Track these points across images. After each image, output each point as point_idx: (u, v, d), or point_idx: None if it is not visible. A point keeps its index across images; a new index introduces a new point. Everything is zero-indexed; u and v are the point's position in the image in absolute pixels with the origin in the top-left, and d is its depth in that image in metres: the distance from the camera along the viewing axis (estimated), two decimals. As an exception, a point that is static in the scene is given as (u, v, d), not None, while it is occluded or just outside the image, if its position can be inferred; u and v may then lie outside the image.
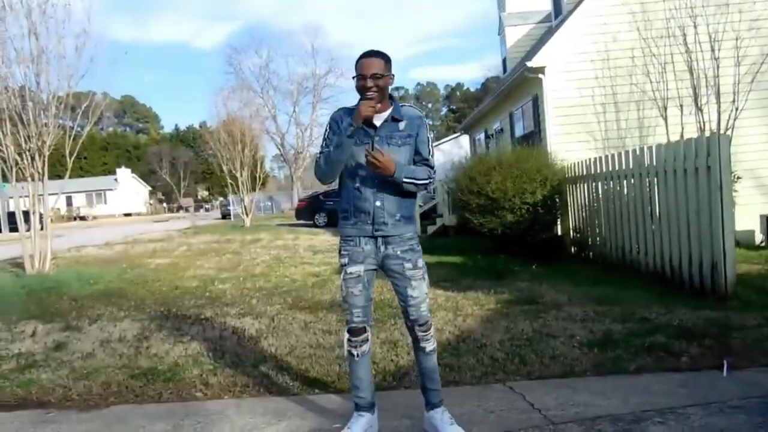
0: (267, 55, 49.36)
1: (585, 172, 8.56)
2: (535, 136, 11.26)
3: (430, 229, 15.14)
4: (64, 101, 9.43)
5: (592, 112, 10.46)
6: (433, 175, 2.78)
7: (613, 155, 7.74)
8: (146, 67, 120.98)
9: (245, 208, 24.01)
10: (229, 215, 35.18)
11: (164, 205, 68.13)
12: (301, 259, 10.03)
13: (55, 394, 3.58)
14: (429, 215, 16.65)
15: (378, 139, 2.66)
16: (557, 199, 9.05)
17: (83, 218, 49.28)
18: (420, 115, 2.81)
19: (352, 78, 2.67)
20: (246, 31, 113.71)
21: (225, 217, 37.05)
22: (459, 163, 10.82)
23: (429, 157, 2.78)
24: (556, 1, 13.66)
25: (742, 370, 3.52)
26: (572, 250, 9.24)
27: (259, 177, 25.49)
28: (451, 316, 5.04)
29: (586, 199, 8.63)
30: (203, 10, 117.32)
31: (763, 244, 9.31)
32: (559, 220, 9.50)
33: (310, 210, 22.52)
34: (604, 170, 7.90)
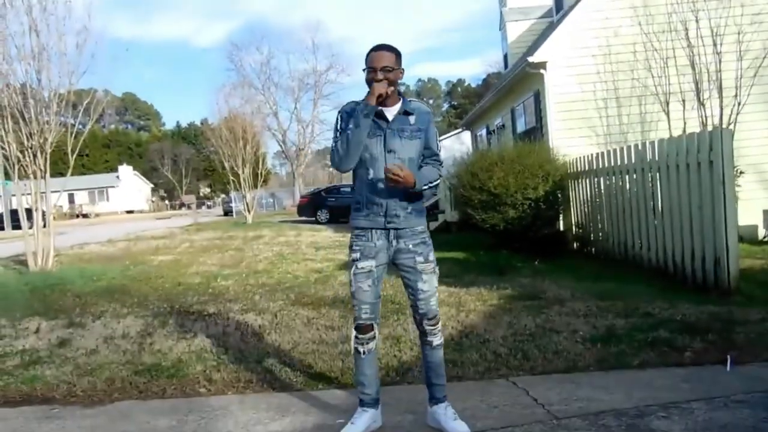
0: (268, 52, 49.37)
1: (587, 168, 8.55)
2: (536, 132, 11.23)
3: (432, 225, 15.10)
4: (65, 98, 9.44)
5: (593, 107, 10.43)
6: (443, 172, 2.86)
7: (615, 150, 7.72)
8: (147, 64, 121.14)
9: (247, 205, 24.04)
10: (231, 212, 35.20)
11: (166, 202, 68.22)
12: (304, 256, 10.04)
13: (60, 390, 3.60)
14: (431, 211, 16.64)
15: (390, 132, 2.69)
16: (559, 195, 9.04)
17: (85, 216, 49.39)
18: (429, 111, 2.87)
19: (363, 70, 2.68)
20: (247, 27, 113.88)
21: (227, 214, 37.08)
22: (461, 159, 10.80)
23: (438, 152, 2.85)
24: (558, -4, 13.62)
25: (746, 364, 3.52)
26: (574, 245, 9.23)
27: (261, 174, 25.50)
28: (454, 312, 5.04)
29: (589, 195, 8.62)
30: (204, 6, 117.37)
31: (766, 239, 9.29)
32: (562, 216, 9.49)
33: (312, 207, 22.53)
34: (606, 165, 7.89)
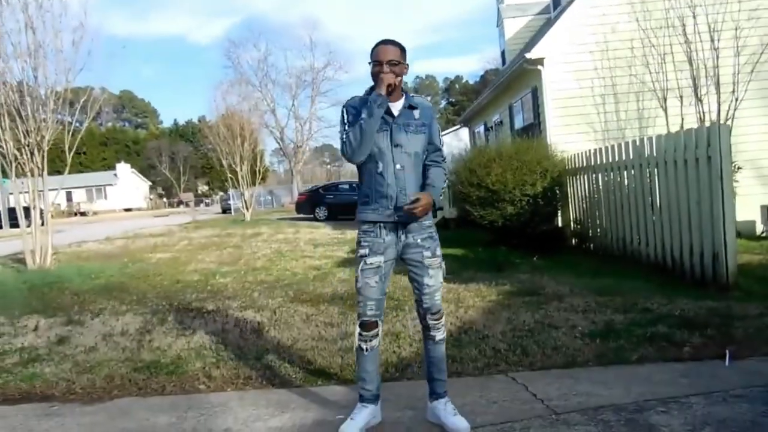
0: (265, 49, 49.51)
1: (585, 164, 8.56)
2: (534, 128, 11.23)
3: (431, 222, 15.10)
4: (62, 96, 9.41)
5: (591, 103, 10.44)
6: (447, 171, 2.91)
7: (613, 146, 7.73)
8: (144, 62, 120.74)
9: (245, 203, 24.00)
10: (230, 210, 35.15)
11: (164, 200, 68.06)
12: (302, 253, 10.04)
13: (59, 388, 3.59)
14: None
15: (396, 126, 2.71)
16: (557, 191, 9.04)
17: (83, 214, 49.29)
18: (431, 106, 2.93)
19: (368, 63, 2.70)
20: (244, 24, 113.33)
21: (225, 211, 37.02)
22: (459, 156, 10.81)
23: (441, 146, 2.89)
24: (555, -8, 13.61)
25: (744, 359, 3.54)
26: (573, 241, 9.24)
27: (259, 171, 25.49)
28: (453, 308, 5.05)
29: (587, 191, 8.62)
30: (201, 3, 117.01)
31: (764, 234, 9.31)
32: (560, 212, 9.50)
33: (311, 204, 22.52)
34: (605, 161, 7.89)
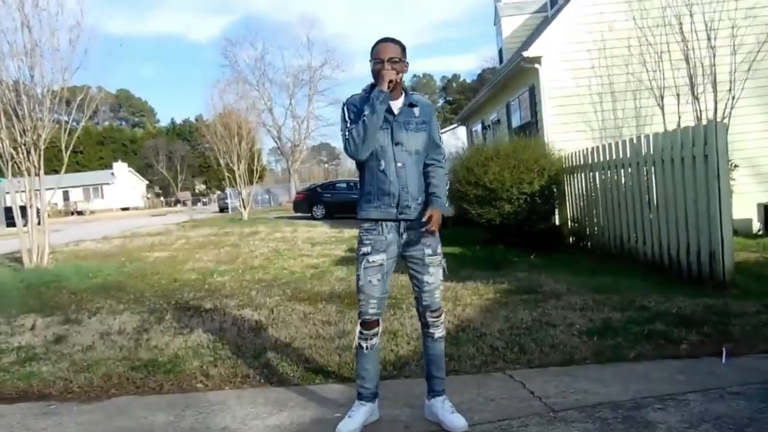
0: (262, 47, 49.45)
1: (582, 162, 8.56)
2: (532, 127, 11.24)
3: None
4: (58, 95, 9.39)
5: (588, 101, 10.45)
6: (446, 166, 2.92)
7: (611, 144, 7.74)
8: (141, 61, 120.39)
9: (243, 201, 23.97)
10: (227, 209, 35.11)
11: (161, 199, 67.94)
12: (300, 251, 10.03)
13: (56, 387, 3.59)
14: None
15: (397, 124, 2.72)
16: (555, 189, 9.05)
17: (80, 213, 49.14)
18: (430, 103, 2.94)
19: (369, 61, 2.70)
20: (241, 23, 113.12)
21: (223, 210, 36.96)
22: (456, 154, 10.81)
23: (440, 144, 2.91)
24: (553, -9, 13.62)
25: (741, 356, 3.55)
26: (570, 240, 9.25)
27: (257, 170, 25.42)
28: (451, 306, 5.04)
29: (584, 189, 8.63)
30: (198, 2, 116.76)
31: (761, 233, 9.34)
32: (557, 210, 9.51)
33: (308, 202, 22.51)
34: (602, 160, 7.90)
